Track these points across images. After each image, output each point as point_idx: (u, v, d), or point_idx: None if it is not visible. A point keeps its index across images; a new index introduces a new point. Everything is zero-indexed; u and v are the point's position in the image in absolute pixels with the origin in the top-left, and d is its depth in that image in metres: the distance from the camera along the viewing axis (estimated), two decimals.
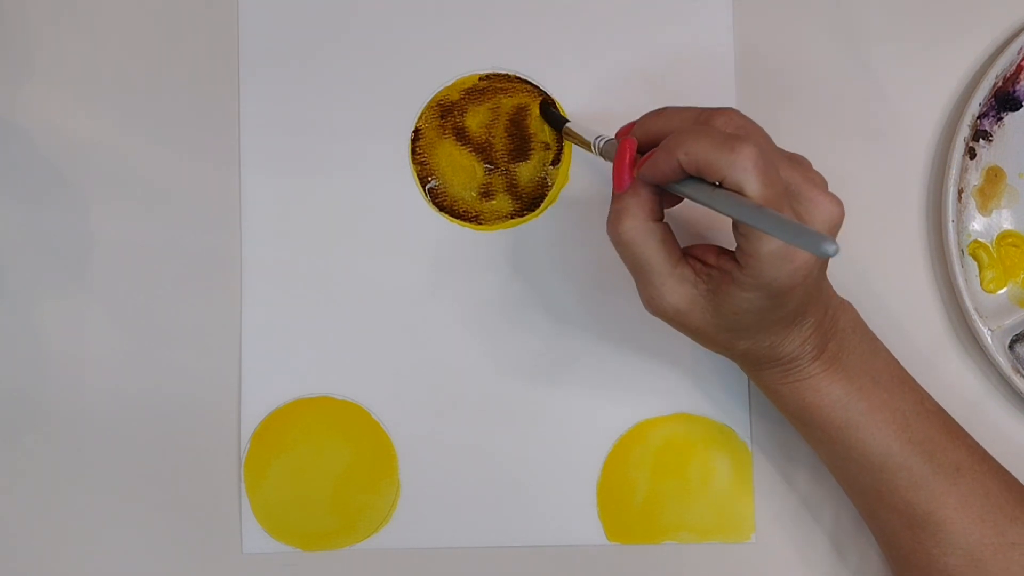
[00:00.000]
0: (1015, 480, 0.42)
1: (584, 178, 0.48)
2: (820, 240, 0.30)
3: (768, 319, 0.39)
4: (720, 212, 0.36)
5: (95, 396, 0.48)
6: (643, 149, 0.40)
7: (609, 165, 0.41)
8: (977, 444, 0.43)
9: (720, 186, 0.36)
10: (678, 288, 0.39)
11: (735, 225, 0.37)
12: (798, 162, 0.40)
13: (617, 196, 0.40)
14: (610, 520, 0.47)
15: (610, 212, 0.40)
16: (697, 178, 0.37)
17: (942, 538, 0.41)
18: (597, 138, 0.44)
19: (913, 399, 0.42)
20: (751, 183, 0.35)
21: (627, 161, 0.40)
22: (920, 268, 0.48)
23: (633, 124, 0.42)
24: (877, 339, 0.43)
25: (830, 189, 0.39)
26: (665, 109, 0.41)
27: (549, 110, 0.48)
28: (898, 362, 0.43)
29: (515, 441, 0.48)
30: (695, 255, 0.40)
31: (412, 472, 0.48)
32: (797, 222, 0.33)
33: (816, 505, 0.47)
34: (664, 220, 0.40)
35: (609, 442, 0.48)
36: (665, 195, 0.40)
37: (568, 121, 0.47)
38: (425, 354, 0.48)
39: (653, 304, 0.40)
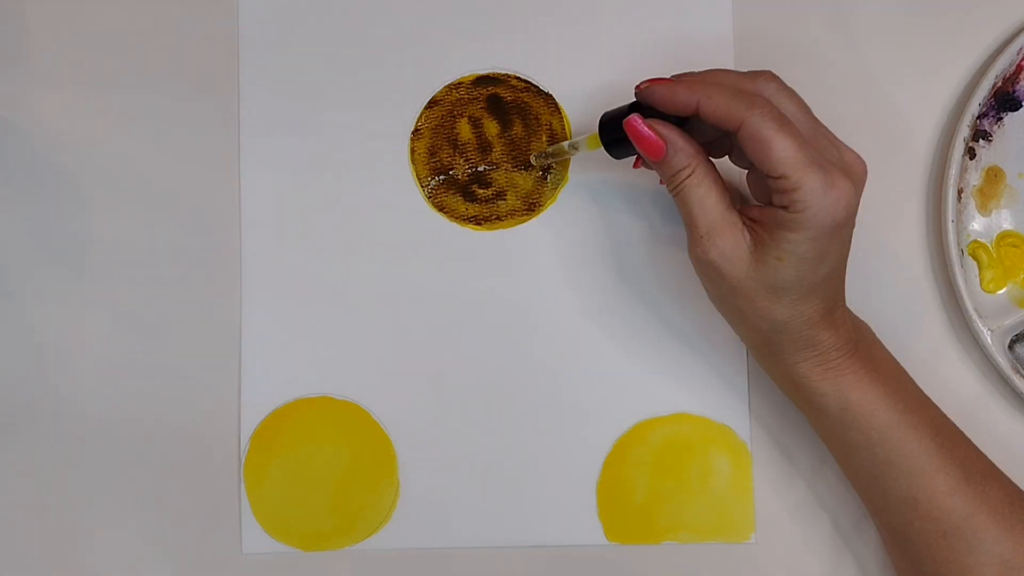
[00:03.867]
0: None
1: (584, 178, 0.48)
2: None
3: (808, 278, 0.39)
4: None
5: (94, 396, 0.48)
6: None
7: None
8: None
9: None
10: (728, 232, 0.40)
11: (771, 179, 0.38)
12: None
13: (664, 161, 0.41)
14: (610, 520, 0.47)
15: (668, 161, 0.40)
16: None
17: (976, 546, 0.40)
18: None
19: (935, 407, 0.43)
20: (768, 127, 0.37)
21: (646, 130, 0.41)
22: (920, 268, 0.48)
23: (663, 80, 0.42)
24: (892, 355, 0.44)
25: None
26: (713, 71, 0.42)
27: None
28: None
29: (515, 441, 0.48)
30: (739, 211, 0.41)
31: (412, 472, 0.48)
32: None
33: (816, 505, 0.47)
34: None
35: (609, 442, 0.48)
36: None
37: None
38: (425, 354, 0.48)
39: (702, 246, 0.40)
